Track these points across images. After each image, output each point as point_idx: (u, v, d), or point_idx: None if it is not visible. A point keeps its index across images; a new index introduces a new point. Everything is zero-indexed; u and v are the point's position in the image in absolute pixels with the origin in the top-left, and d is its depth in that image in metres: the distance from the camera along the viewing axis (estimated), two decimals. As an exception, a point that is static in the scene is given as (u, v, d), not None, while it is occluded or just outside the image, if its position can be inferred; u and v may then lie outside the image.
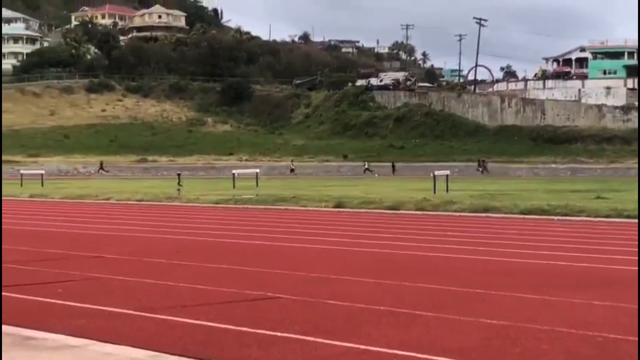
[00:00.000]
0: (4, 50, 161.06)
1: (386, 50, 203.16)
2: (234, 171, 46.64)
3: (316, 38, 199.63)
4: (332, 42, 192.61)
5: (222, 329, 7.25)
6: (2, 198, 36.86)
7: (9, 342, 6.81)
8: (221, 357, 6.24)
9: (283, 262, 12.48)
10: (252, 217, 24.23)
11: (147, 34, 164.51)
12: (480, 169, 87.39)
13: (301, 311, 8.24)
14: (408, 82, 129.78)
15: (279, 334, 7.07)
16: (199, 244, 15.87)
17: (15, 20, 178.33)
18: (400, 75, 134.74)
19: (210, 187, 46.10)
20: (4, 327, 7.37)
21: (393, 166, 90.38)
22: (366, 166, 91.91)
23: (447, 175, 35.20)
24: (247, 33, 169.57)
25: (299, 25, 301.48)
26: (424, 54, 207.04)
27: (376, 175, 52.24)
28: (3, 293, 9.36)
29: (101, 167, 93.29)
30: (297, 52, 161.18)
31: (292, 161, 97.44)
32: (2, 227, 20.67)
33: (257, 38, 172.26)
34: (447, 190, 33.56)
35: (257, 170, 44.85)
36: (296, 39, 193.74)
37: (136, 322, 7.59)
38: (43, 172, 57.73)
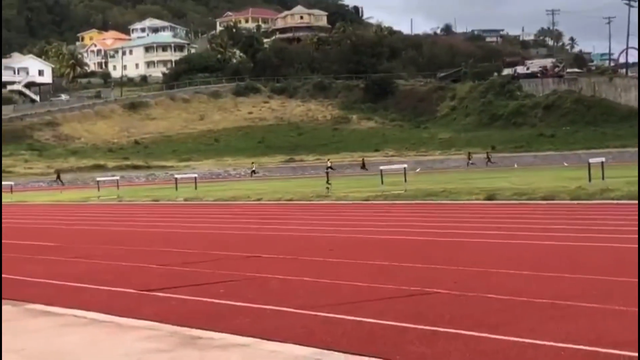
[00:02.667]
0: (153, 58, 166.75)
1: (532, 37, 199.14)
2: (381, 167, 46.68)
3: (459, 29, 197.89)
4: (476, 32, 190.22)
5: (384, 325, 7.23)
6: (158, 202, 38.15)
7: (177, 342, 7.01)
8: (385, 353, 6.23)
9: (437, 257, 12.37)
10: (402, 212, 24.17)
11: (290, 35, 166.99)
12: (470, 162, 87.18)
13: (461, 306, 8.13)
14: (556, 69, 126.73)
15: (441, 329, 7.00)
16: (353, 241, 15.93)
17: (163, 29, 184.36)
18: (548, 62, 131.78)
19: (358, 184, 46.29)
20: (173, 327, 7.60)
21: (363, 163, 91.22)
22: (329, 164, 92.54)
23: (602, 162, 34.11)
24: (389, 28, 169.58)
25: (441, 17, 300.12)
26: (572, 39, 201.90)
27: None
28: (169, 295, 9.67)
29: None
30: (439, 44, 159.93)
31: (252, 163, 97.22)
32: (160, 230, 21.39)
33: (398, 33, 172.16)
34: (603, 178, 32.55)
35: (405, 166, 44.74)
36: (438, 31, 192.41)
37: (299, 320, 7.67)
38: (196, 175, 59.38)
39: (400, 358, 6.08)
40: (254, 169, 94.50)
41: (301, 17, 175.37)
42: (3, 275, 12.22)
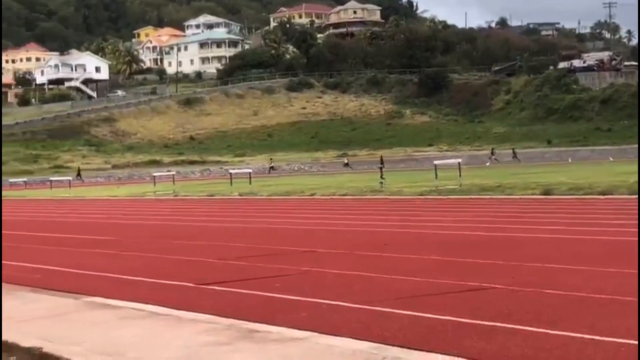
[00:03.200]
0: (208, 54, 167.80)
1: (588, 30, 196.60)
2: (435, 162, 46.35)
3: (514, 22, 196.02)
4: (531, 26, 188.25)
5: (441, 320, 7.20)
6: (213, 197, 38.42)
7: (235, 335, 7.06)
8: (443, 348, 6.20)
9: (494, 252, 12.27)
10: (457, 207, 24.03)
11: (343, 30, 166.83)
12: (493, 158, 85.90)
13: (519, 301, 8.06)
14: (613, 62, 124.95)
15: (499, 324, 6.94)
16: (407, 235, 15.89)
17: (218, 25, 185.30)
18: (605, 55, 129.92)
19: (411, 178, 46.08)
20: (230, 320, 7.66)
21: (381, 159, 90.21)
22: (346, 161, 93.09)
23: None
24: (443, 22, 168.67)
25: (496, 10, 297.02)
26: (629, 32, 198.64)
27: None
28: (226, 288, 9.74)
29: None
30: (494, 38, 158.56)
31: (271, 159, 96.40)
32: (216, 224, 21.54)
33: (452, 27, 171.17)
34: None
35: (459, 160, 44.27)
36: (493, 25, 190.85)
37: (355, 314, 7.67)
38: (250, 170, 59.59)
39: (458, 353, 6.05)
40: (272, 165, 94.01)
41: (354, 12, 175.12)
42: (64, 269, 12.46)
